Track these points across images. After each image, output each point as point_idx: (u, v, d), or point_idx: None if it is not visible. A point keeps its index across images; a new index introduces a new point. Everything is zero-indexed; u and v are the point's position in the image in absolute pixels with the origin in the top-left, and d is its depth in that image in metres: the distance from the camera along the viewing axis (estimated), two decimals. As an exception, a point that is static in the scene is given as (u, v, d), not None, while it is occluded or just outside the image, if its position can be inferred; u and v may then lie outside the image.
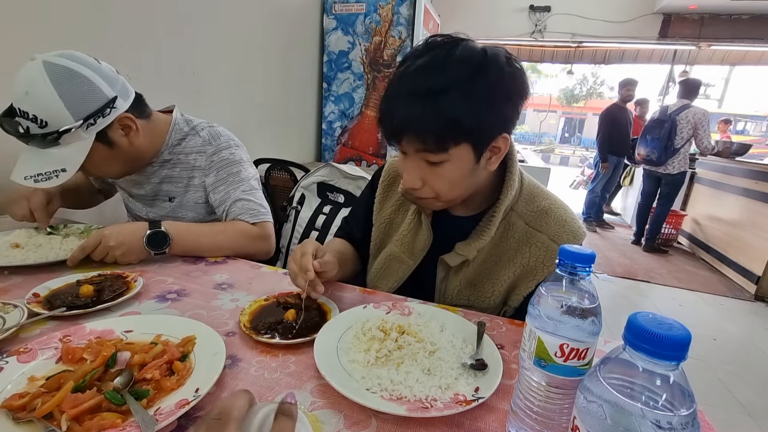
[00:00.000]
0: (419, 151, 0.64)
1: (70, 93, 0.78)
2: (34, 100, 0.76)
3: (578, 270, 0.39)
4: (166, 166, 1.03)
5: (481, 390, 0.50)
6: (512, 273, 0.75)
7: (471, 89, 0.60)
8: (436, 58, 0.61)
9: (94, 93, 0.81)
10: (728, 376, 2.05)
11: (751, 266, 3.15)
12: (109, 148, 0.88)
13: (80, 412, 0.41)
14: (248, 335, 0.59)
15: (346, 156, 3.18)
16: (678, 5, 4.04)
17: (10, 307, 0.60)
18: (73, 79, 0.79)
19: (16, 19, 1.19)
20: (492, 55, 0.62)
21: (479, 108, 0.60)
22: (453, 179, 0.66)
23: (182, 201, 1.05)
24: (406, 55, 0.66)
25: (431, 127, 0.60)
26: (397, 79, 0.64)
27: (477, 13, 4.46)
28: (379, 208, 0.90)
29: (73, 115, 0.78)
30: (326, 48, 3.02)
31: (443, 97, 0.59)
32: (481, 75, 0.60)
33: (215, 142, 1.03)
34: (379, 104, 0.67)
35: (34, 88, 0.76)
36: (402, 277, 0.83)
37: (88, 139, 0.83)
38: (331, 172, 1.32)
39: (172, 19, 1.71)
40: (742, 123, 16.79)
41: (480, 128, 0.62)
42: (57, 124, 0.78)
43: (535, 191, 0.78)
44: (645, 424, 0.28)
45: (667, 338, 0.28)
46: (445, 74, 0.60)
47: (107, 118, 0.84)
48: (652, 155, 3.66)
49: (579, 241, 0.73)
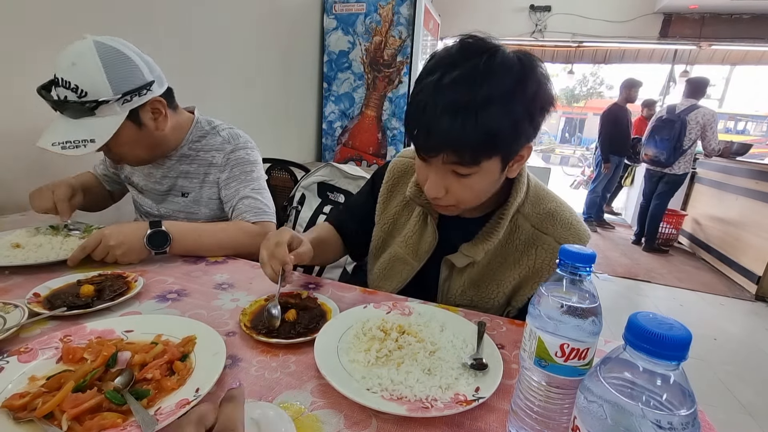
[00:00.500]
0: (449, 163, 0.62)
1: (114, 69, 0.83)
2: (80, 70, 0.81)
3: (579, 270, 0.39)
4: (184, 161, 1.06)
5: (482, 390, 0.49)
6: (518, 274, 0.75)
7: (512, 102, 0.58)
8: (475, 68, 0.57)
9: (135, 73, 0.87)
10: (729, 376, 2.05)
11: (752, 266, 3.15)
12: (138, 128, 0.91)
13: (81, 412, 0.41)
14: (249, 335, 0.59)
15: (347, 156, 3.18)
16: (678, 5, 4.04)
17: (10, 306, 0.60)
18: (118, 57, 0.85)
19: (16, 18, 1.19)
20: (530, 66, 0.60)
21: (519, 122, 0.59)
22: (478, 189, 0.67)
23: (197, 197, 1.07)
24: (436, 61, 0.61)
25: (471, 142, 0.58)
26: (433, 89, 0.59)
27: (477, 13, 4.46)
28: (382, 208, 0.89)
29: (112, 89, 0.83)
30: (326, 48, 3.02)
31: (484, 112, 0.56)
32: (521, 87, 0.58)
33: (234, 142, 1.07)
34: (409, 114, 0.63)
35: (81, 60, 0.81)
36: (406, 278, 0.83)
37: (121, 114, 0.87)
38: (331, 172, 1.32)
39: (172, 19, 1.71)
40: (742, 123, 16.76)
41: (516, 141, 0.62)
42: (96, 95, 0.82)
43: (541, 193, 0.78)
44: (645, 424, 0.28)
45: (668, 338, 0.27)
46: (486, 87, 0.57)
47: (142, 98, 0.89)
48: (661, 156, 3.60)
49: (584, 243, 0.73)
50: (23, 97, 1.24)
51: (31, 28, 1.22)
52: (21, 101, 1.23)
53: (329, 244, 0.90)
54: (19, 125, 1.23)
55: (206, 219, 1.09)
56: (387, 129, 3.05)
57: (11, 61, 1.19)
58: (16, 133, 1.22)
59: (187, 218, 1.08)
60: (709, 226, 3.87)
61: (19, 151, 1.24)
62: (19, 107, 1.23)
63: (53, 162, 1.34)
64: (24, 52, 1.21)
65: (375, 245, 0.90)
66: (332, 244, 0.91)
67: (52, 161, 1.33)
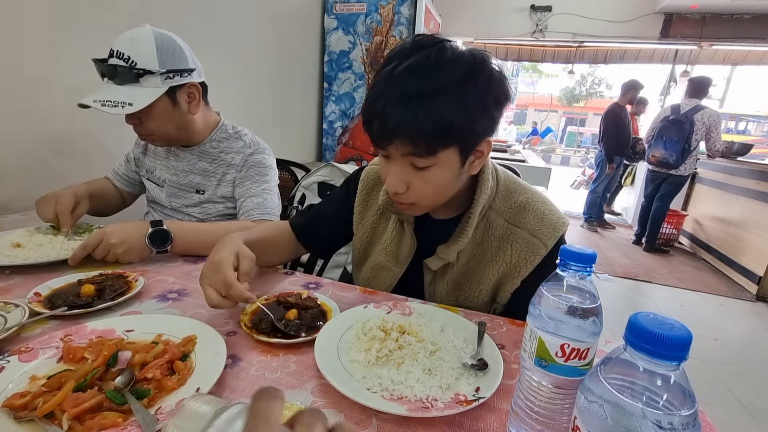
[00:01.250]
0: (406, 155, 0.62)
1: (165, 49, 0.94)
2: (136, 44, 0.91)
3: (579, 270, 0.39)
4: (204, 158, 1.11)
5: (482, 390, 0.49)
6: (496, 271, 0.75)
7: (464, 92, 0.58)
8: (427, 58, 0.59)
9: (182, 58, 0.98)
10: (729, 376, 2.04)
11: (753, 266, 3.15)
12: (173, 105, 0.99)
13: (81, 412, 0.41)
14: (249, 334, 0.59)
15: (347, 156, 3.18)
16: (679, 5, 4.03)
17: (11, 306, 0.60)
18: (171, 42, 0.96)
19: (15, 18, 1.19)
20: (481, 59, 0.61)
21: (471, 111, 0.60)
22: (438, 184, 0.66)
23: (211, 196, 1.11)
24: (391, 53, 0.62)
25: (424, 130, 0.58)
26: (386, 78, 0.60)
27: (478, 13, 4.45)
28: (359, 218, 0.88)
29: (159, 63, 0.93)
30: (327, 48, 3.02)
31: (436, 99, 0.57)
32: (473, 78, 0.59)
33: (254, 147, 1.13)
34: (365, 105, 0.63)
35: (138, 37, 0.92)
36: (390, 284, 0.83)
37: (161, 88, 0.95)
38: (331, 172, 1.32)
39: (172, 19, 1.72)
40: (743, 123, 16.74)
41: (471, 132, 0.62)
42: (144, 65, 0.92)
43: (511, 186, 0.77)
44: (646, 424, 0.28)
45: (668, 338, 0.27)
46: (438, 76, 0.58)
47: (183, 79, 0.98)
48: (670, 158, 3.53)
49: (559, 232, 0.72)
50: (24, 97, 1.24)
51: (30, 28, 1.22)
52: (22, 101, 1.23)
53: (274, 247, 0.86)
54: (20, 125, 1.23)
55: (216, 217, 1.12)
56: (387, 129, 3.05)
57: (11, 61, 1.19)
58: (16, 133, 1.23)
59: (199, 214, 1.12)
60: (710, 226, 3.87)
61: (20, 151, 1.24)
62: (20, 107, 1.23)
63: (55, 162, 1.34)
64: (24, 52, 1.21)
65: (357, 254, 0.90)
66: (278, 247, 0.87)
67: (53, 161, 1.34)
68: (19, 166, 1.24)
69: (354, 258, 0.91)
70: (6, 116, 1.20)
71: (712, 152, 3.54)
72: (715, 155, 3.58)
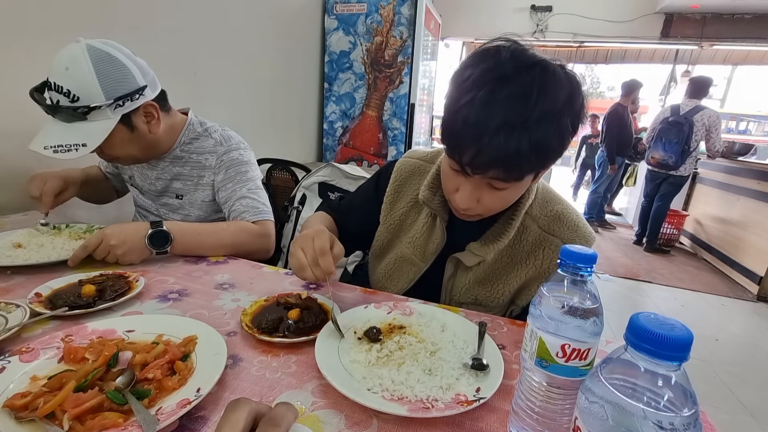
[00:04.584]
0: (491, 179, 0.60)
1: (106, 74, 0.84)
2: (73, 75, 0.82)
3: (580, 270, 0.39)
4: (177, 164, 1.07)
5: (483, 390, 0.49)
6: (524, 274, 0.76)
7: (562, 119, 0.57)
8: (531, 84, 0.55)
9: (128, 78, 0.87)
10: (730, 376, 2.04)
11: (754, 266, 3.14)
12: (130, 131, 0.92)
13: (82, 412, 0.41)
14: (250, 334, 0.59)
15: (348, 156, 3.18)
16: (680, 5, 4.03)
17: (12, 306, 0.60)
18: (111, 62, 0.85)
19: (15, 19, 1.19)
20: (577, 83, 0.59)
21: (565, 136, 0.58)
22: (510, 200, 0.67)
23: (191, 199, 1.08)
24: (483, 73, 0.57)
25: (522, 160, 0.56)
26: (484, 104, 0.55)
27: (478, 13, 4.45)
28: (388, 209, 0.88)
29: (105, 94, 0.84)
30: (327, 48, 3.02)
31: (538, 128, 0.55)
32: (569, 103, 0.57)
33: (226, 144, 1.08)
34: (454, 129, 0.59)
35: (74, 65, 0.82)
36: (412, 278, 0.84)
37: (113, 119, 0.87)
38: (332, 172, 1.32)
39: (173, 19, 1.72)
40: (744, 123, 16.71)
41: (560, 155, 0.61)
42: (88, 101, 0.83)
43: (548, 195, 0.79)
44: (647, 424, 0.28)
45: (669, 339, 0.27)
46: (541, 103, 0.55)
47: (135, 103, 0.90)
48: (669, 160, 3.54)
49: (590, 245, 0.73)
50: (24, 97, 1.24)
51: (30, 28, 1.22)
52: (22, 101, 1.23)
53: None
54: (20, 125, 1.23)
55: (198, 221, 1.09)
56: (388, 129, 3.05)
57: (11, 61, 1.19)
58: (17, 132, 1.23)
59: (182, 220, 1.09)
60: (711, 226, 3.87)
61: (20, 151, 1.24)
62: (20, 107, 1.23)
63: (55, 161, 1.34)
64: (24, 52, 1.21)
65: (379, 245, 0.90)
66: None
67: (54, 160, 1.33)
68: (20, 166, 1.24)
69: (374, 249, 0.91)
70: (6, 116, 1.20)
71: (712, 153, 3.54)
72: (715, 156, 3.58)
